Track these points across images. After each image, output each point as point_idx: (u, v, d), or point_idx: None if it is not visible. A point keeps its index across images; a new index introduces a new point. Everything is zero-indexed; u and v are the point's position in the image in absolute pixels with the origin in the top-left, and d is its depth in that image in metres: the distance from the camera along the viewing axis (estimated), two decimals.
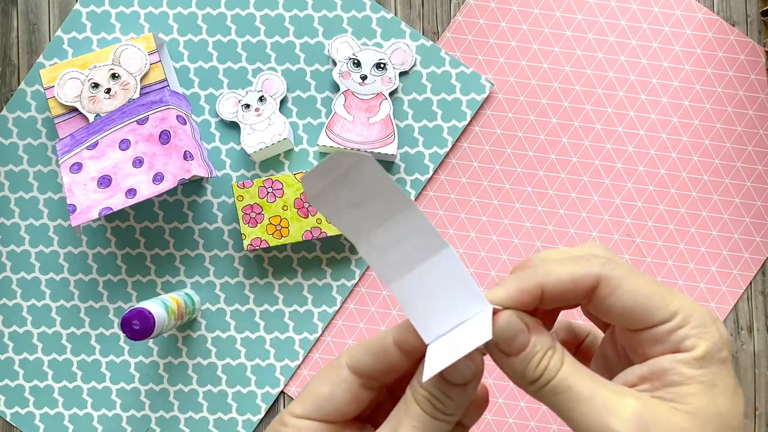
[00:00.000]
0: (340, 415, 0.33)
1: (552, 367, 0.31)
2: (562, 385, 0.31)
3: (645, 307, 0.31)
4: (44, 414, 0.76)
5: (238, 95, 0.75)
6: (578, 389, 0.30)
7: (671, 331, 0.31)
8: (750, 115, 0.75)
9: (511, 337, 0.32)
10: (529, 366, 0.31)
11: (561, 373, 0.31)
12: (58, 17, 0.77)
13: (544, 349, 0.31)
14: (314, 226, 0.71)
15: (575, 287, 0.32)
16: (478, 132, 0.76)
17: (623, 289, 0.32)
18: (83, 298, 0.76)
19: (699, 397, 0.30)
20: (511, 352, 0.32)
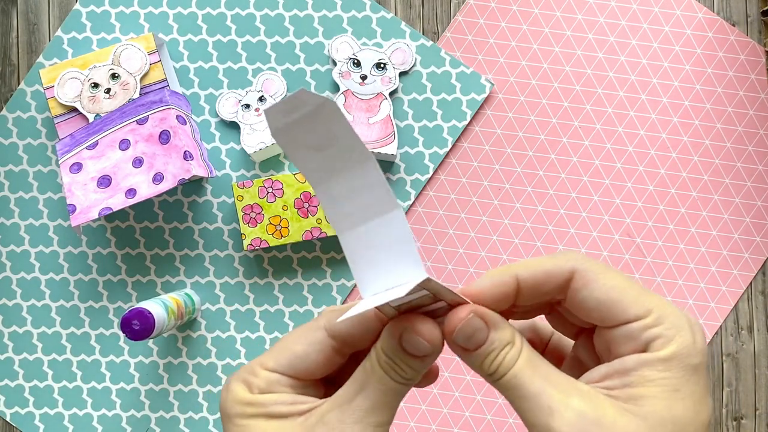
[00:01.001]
0: (310, 375, 0.34)
1: (506, 363, 0.32)
2: (512, 381, 0.31)
3: (619, 302, 0.31)
4: (44, 414, 0.76)
5: (238, 95, 0.75)
6: (526, 386, 0.31)
7: (643, 328, 0.31)
8: (750, 115, 0.75)
9: (469, 334, 0.32)
10: (485, 361, 0.32)
11: (513, 370, 0.31)
12: (57, 17, 0.77)
13: (501, 346, 0.32)
14: (314, 226, 0.71)
15: (550, 278, 0.32)
16: (478, 132, 0.76)
17: (598, 282, 0.32)
18: (83, 298, 0.76)
19: (654, 401, 0.30)
20: (469, 347, 0.32)
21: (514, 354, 0.32)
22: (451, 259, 0.75)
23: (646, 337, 0.31)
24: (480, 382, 0.75)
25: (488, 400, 0.75)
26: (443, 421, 0.75)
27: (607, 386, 0.31)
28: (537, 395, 0.31)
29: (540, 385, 0.31)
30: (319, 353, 0.33)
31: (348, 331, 0.33)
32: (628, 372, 0.31)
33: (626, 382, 0.30)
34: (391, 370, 0.32)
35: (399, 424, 0.75)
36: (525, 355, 0.32)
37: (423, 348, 0.32)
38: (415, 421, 0.75)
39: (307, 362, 0.33)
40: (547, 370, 0.32)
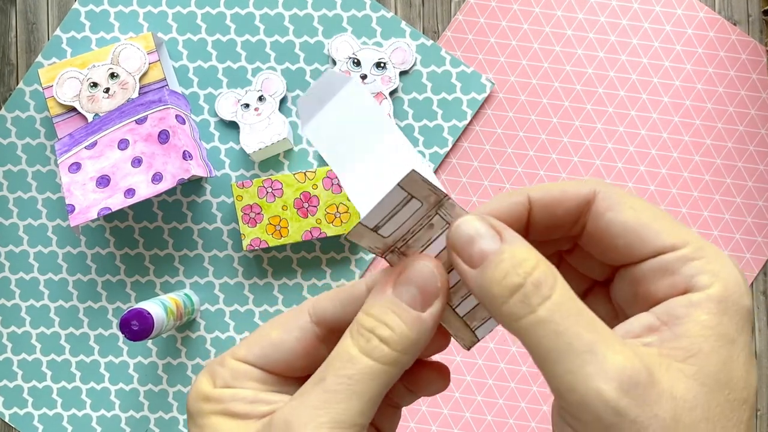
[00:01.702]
0: (286, 367, 0.28)
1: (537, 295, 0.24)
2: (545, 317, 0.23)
3: (650, 227, 0.25)
4: (43, 415, 0.76)
5: (237, 95, 0.74)
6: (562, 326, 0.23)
7: (683, 259, 0.24)
8: (751, 115, 0.75)
9: (470, 237, 0.25)
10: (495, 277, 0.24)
11: (547, 305, 0.24)
12: (56, 16, 0.76)
13: (516, 263, 0.24)
14: (314, 226, 0.71)
15: (566, 199, 0.27)
16: (478, 131, 0.75)
17: (624, 205, 0.26)
18: (82, 298, 0.76)
19: (712, 357, 0.23)
20: (472, 261, 0.25)
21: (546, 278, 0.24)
22: None
23: (687, 271, 0.24)
24: (481, 382, 0.75)
25: (489, 401, 0.75)
26: (443, 422, 0.75)
27: (651, 342, 0.24)
28: (574, 339, 0.23)
29: (578, 328, 0.23)
30: (298, 341, 0.27)
31: (334, 314, 0.27)
32: (679, 319, 0.24)
33: (679, 332, 0.24)
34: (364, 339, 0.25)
35: (400, 425, 0.75)
36: (561, 288, 0.24)
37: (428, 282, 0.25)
38: (415, 422, 0.75)
39: (282, 351, 0.27)
40: (588, 313, 0.24)
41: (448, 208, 0.26)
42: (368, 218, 0.25)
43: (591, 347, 0.23)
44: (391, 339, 0.25)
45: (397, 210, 0.25)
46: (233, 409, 0.27)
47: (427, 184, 0.25)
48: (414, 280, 0.26)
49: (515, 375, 0.75)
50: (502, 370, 0.75)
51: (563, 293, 0.24)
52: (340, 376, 0.25)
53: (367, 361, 0.25)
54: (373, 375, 0.25)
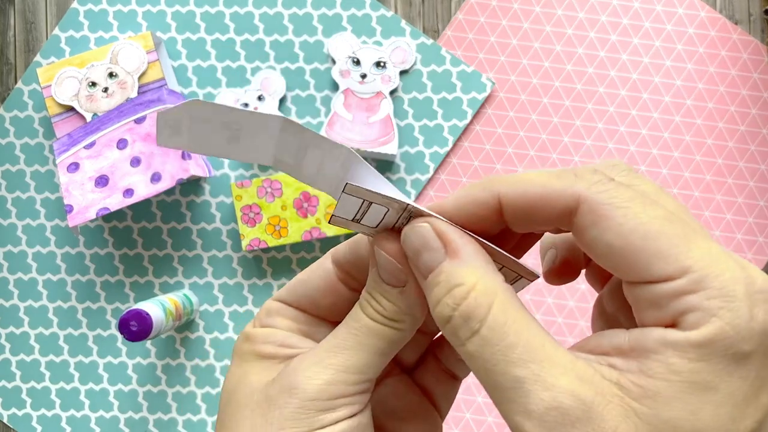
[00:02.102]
0: (313, 304, 0.29)
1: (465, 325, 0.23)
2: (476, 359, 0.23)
3: (641, 252, 0.22)
4: (41, 416, 0.75)
5: (236, 94, 0.74)
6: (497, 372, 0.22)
7: (673, 294, 0.21)
8: (753, 115, 0.75)
9: (415, 249, 0.25)
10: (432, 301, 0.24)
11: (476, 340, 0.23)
12: (55, 16, 0.76)
13: (448, 286, 0.24)
14: (313, 226, 0.71)
15: (543, 206, 0.23)
16: (479, 131, 0.75)
17: (613, 220, 0.22)
18: (81, 298, 0.75)
19: (675, 404, 0.21)
20: (419, 270, 0.25)
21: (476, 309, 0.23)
22: None
23: (675, 307, 0.21)
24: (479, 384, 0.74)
25: (489, 401, 0.74)
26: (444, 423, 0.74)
27: (616, 365, 0.22)
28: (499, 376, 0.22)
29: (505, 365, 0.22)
30: (320, 278, 0.29)
31: (345, 256, 0.29)
32: (647, 353, 0.21)
33: (643, 367, 0.21)
34: (367, 305, 0.27)
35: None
36: (493, 315, 0.23)
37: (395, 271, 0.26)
38: None
39: (307, 287, 0.29)
40: (524, 341, 0.22)
41: (416, 213, 0.25)
42: (338, 212, 0.26)
43: (517, 384, 0.22)
44: (383, 312, 0.27)
45: (365, 210, 0.26)
46: (262, 350, 0.28)
47: (380, 195, 0.25)
48: (381, 263, 0.27)
49: None
50: None
51: (495, 323, 0.23)
52: (350, 327, 0.27)
53: (370, 321, 0.27)
54: (378, 333, 0.27)
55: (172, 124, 0.27)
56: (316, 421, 0.26)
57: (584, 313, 0.75)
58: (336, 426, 0.26)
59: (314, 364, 0.26)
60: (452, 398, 0.32)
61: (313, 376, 0.26)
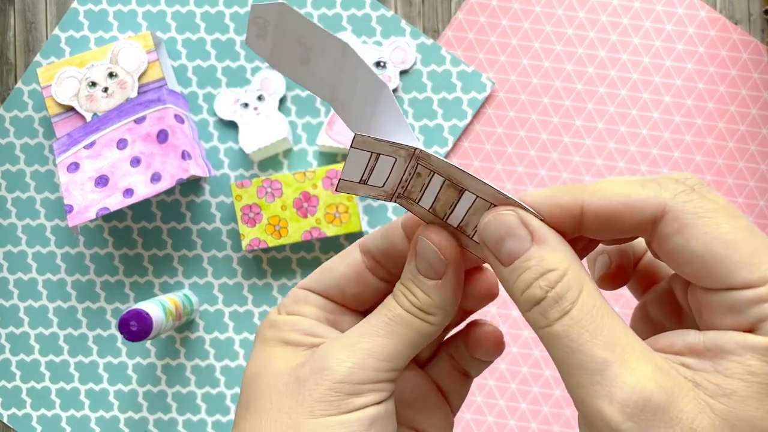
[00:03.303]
0: (340, 292, 0.30)
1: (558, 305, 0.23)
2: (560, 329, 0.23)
3: (724, 260, 0.22)
4: (41, 416, 0.75)
5: (236, 94, 0.74)
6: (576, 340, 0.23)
7: (754, 300, 0.22)
8: (753, 115, 0.75)
9: (499, 236, 0.25)
10: (526, 290, 0.24)
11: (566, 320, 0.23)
12: (55, 15, 0.76)
13: (541, 270, 0.24)
14: (313, 226, 0.71)
15: (628, 214, 0.24)
16: (479, 131, 0.75)
17: (698, 229, 0.23)
18: (80, 298, 0.75)
19: (751, 404, 0.22)
20: (501, 256, 0.25)
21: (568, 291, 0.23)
22: None
23: (755, 314, 0.22)
24: (482, 383, 0.74)
25: (489, 402, 0.74)
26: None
27: (689, 364, 0.23)
28: (585, 357, 0.23)
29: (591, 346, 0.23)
30: (348, 267, 0.29)
31: (374, 245, 0.29)
32: (724, 354, 0.22)
33: (719, 366, 0.22)
34: (401, 296, 0.27)
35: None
36: (583, 300, 0.23)
37: (434, 260, 0.27)
38: None
39: (335, 276, 0.30)
40: (610, 327, 0.23)
41: (425, 159, 0.26)
42: (346, 174, 0.26)
43: (602, 366, 0.22)
44: (417, 304, 0.27)
45: (373, 166, 0.26)
46: (288, 337, 0.29)
47: (388, 143, 0.25)
48: (423, 255, 0.27)
49: (516, 376, 0.74)
50: (502, 372, 0.74)
51: (585, 306, 0.23)
52: (382, 316, 0.27)
53: (403, 312, 0.27)
54: (410, 323, 0.27)
55: (260, 24, 0.27)
56: (345, 404, 0.26)
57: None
58: (364, 411, 0.26)
59: (345, 347, 0.27)
60: (464, 395, 0.33)
61: (344, 358, 0.26)
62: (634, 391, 0.22)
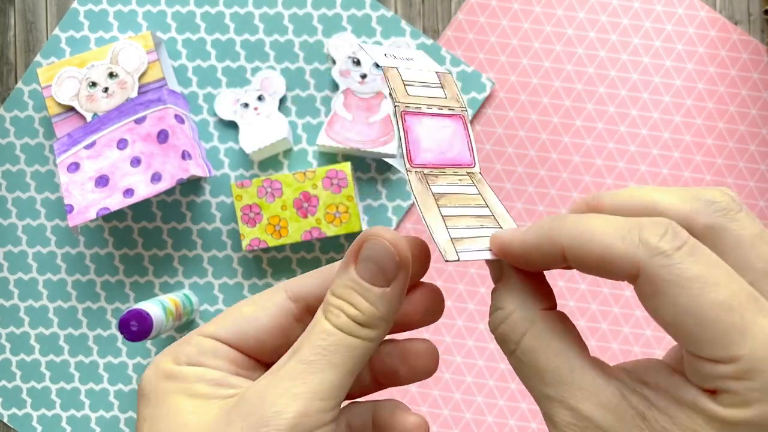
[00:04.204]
0: (256, 345, 0.26)
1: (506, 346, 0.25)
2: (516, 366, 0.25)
3: (691, 332, 0.22)
4: (42, 415, 0.75)
5: (236, 94, 0.74)
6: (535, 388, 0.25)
7: (719, 376, 0.22)
8: (752, 115, 0.75)
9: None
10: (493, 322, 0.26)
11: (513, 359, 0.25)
12: (55, 16, 0.76)
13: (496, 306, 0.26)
14: (313, 226, 0.71)
15: (606, 269, 0.23)
16: (479, 131, 0.75)
17: (669, 298, 0.22)
18: (81, 298, 0.75)
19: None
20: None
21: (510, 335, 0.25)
22: None
23: (717, 384, 0.22)
24: (481, 383, 0.75)
25: (489, 402, 0.74)
26: (444, 423, 0.74)
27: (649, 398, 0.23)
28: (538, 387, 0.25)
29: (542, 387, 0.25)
30: (273, 317, 0.26)
31: (310, 290, 0.27)
32: (681, 405, 0.23)
33: (671, 412, 0.23)
34: (337, 312, 0.25)
35: None
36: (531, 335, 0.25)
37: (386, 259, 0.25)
38: None
39: (255, 327, 0.26)
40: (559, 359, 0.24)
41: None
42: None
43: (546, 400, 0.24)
44: (358, 317, 0.25)
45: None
46: (196, 390, 0.25)
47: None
48: (373, 257, 0.25)
49: (516, 376, 0.74)
50: (502, 371, 0.74)
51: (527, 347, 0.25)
52: (316, 347, 0.24)
53: (341, 334, 0.25)
54: (348, 347, 0.25)
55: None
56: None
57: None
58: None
59: (280, 395, 0.23)
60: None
61: (282, 410, 0.23)
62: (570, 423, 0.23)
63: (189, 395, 0.25)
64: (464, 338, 0.75)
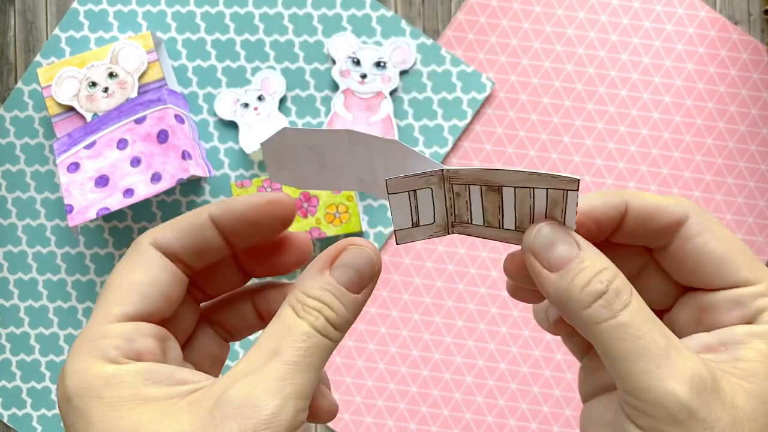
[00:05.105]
0: (168, 308, 0.26)
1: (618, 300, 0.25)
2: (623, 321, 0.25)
3: (732, 260, 0.27)
4: (42, 416, 0.75)
5: (236, 94, 0.74)
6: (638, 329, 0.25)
7: (754, 295, 0.27)
8: (753, 115, 0.75)
9: (549, 242, 0.26)
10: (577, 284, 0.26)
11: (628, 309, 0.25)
12: (55, 16, 0.76)
13: (599, 268, 0.26)
14: (313, 226, 0.71)
15: (661, 215, 0.28)
16: (479, 131, 0.75)
17: (713, 233, 0.27)
18: (81, 298, 0.76)
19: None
20: (551, 265, 0.26)
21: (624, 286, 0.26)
22: (452, 260, 0.75)
23: (756, 306, 0.27)
24: (481, 383, 0.75)
25: (489, 402, 0.74)
26: (444, 423, 0.74)
27: (711, 359, 0.26)
28: (651, 343, 0.25)
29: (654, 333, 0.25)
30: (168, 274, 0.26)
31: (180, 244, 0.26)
32: (737, 345, 0.26)
33: (738, 355, 0.26)
34: (316, 314, 0.25)
35: (400, 426, 0.75)
36: (636, 296, 0.26)
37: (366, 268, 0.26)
38: (415, 422, 0.75)
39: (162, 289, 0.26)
40: (660, 321, 0.26)
41: (454, 176, 0.27)
42: (397, 224, 0.27)
43: (666, 351, 0.25)
44: (334, 320, 0.26)
45: (415, 204, 0.27)
46: (148, 393, 0.23)
47: (416, 176, 0.26)
48: (353, 264, 0.26)
49: (516, 376, 0.74)
50: (502, 371, 0.74)
51: (639, 301, 0.26)
52: (298, 349, 0.25)
53: (319, 336, 0.25)
54: (324, 348, 0.25)
55: (274, 156, 0.28)
56: None
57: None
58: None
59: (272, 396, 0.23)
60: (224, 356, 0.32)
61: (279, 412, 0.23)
62: (694, 373, 0.25)
63: (142, 401, 0.23)
64: (464, 338, 0.75)
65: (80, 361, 0.23)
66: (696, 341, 0.27)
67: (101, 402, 0.22)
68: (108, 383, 0.23)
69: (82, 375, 0.23)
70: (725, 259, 0.27)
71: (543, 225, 0.27)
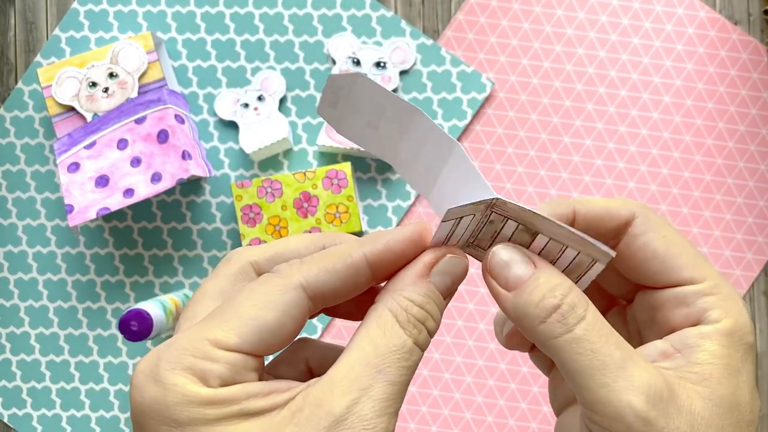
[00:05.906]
0: (280, 348, 0.26)
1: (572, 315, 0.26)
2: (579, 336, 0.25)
3: (676, 258, 0.28)
4: (42, 415, 0.75)
5: (236, 94, 0.74)
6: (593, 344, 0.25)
7: (698, 294, 0.27)
8: (752, 115, 0.75)
9: (503, 263, 0.27)
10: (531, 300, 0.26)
11: (583, 324, 0.26)
12: (55, 16, 0.76)
13: (553, 284, 0.26)
14: (313, 226, 0.71)
15: (609, 217, 0.29)
16: (479, 131, 0.75)
17: (657, 232, 0.28)
18: (81, 298, 0.76)
19: (723, 382, 0.26)
20: (508, 284, 0.27)
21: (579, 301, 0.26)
22: None
23: (701, 305, 0.27)
24: (481, 383, 0.75)
25: (489, 402, 0.74)
26: (444, 423, 0.74)
27: (667, 367, 0.27)
28: (607, 357, 0.25)
29: (609, 347, 0.25)
30: (294, 322, 0.25)
31: (334, 290, 0.26)
32: (691, 348, 0.27)
33: (692, 359, 0.26)
34: (423, 328, 0.25)
35: (399, 426, 0.75)
36: (592, 310, 0.26)
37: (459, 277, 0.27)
38: (415, 422, 0.75)
39: (281, 335, 0.25)
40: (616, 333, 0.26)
41: (500, 206, 0.27)
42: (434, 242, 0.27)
43: (622, 364, 0.25)
44: (433, 330, 0.26)
45: (455, 229, 0.27)
46: (252, 408, 0.23)
47: (470, 205, 0.26)
48: (451, 272, 0.27)
49: (516, 376, 0.74)
50: (502, 371, 0.74)
51: (594, 315, 0.26)
52: (402, 368, 0.25)
53: (420, 353, 0.26)
54: (419, 360, 0.26)
55: (334, 92, 0.28)
56: None
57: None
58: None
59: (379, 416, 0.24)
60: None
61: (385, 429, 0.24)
62: (650, 384, 0.25)
63: (246, 416, 0.23)
64: (464, 338, 0.75)
65: (177, 380, 0.23)
66: (652, 349, 0.28)
67: (203, 421, 0.23)
68: (210, 403, 0.23)
69: (181, 392, 0.23)
70: (668, 257, 0.28)
71: (499, 247, 0.27)
